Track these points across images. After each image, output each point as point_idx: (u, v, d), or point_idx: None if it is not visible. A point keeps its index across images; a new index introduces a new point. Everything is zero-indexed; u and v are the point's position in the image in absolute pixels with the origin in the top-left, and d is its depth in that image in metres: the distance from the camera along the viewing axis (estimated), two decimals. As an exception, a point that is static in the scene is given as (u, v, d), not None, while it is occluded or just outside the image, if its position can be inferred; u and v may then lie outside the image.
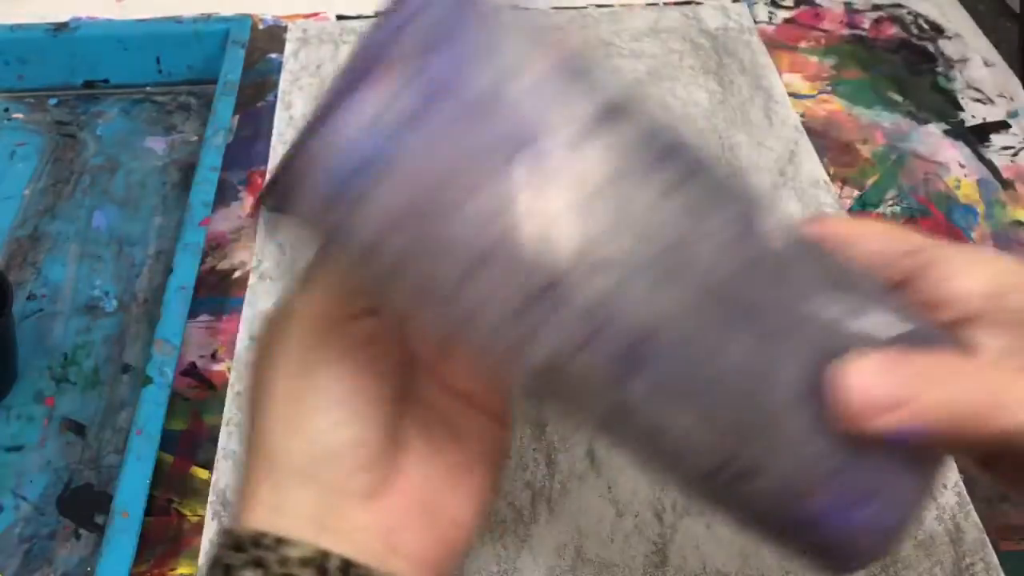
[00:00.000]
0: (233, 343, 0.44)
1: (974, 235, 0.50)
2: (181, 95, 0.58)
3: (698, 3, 0.65)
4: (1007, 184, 0.53)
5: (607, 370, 0.19)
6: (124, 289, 0.47)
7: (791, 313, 0.19)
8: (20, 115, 0.56)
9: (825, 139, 0.55)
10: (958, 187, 0.53)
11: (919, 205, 0.52)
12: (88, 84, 0.58)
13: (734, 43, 0.62)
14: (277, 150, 0.53)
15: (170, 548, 0.37)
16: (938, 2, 0.67)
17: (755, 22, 0.64)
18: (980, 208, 0.52)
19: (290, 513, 0.22)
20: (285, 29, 0.62)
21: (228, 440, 0.40)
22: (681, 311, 0.19)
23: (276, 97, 0.56)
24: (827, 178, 0.52)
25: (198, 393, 0.42)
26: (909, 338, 0.20)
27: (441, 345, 0.23)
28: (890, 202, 0.52)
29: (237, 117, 0.55)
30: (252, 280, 0.46)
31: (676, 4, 0.65)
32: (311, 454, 0.22)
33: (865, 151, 0.55)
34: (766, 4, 0.66)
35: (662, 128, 0.20)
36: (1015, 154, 0.55)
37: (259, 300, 0.45)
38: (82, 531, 0.38)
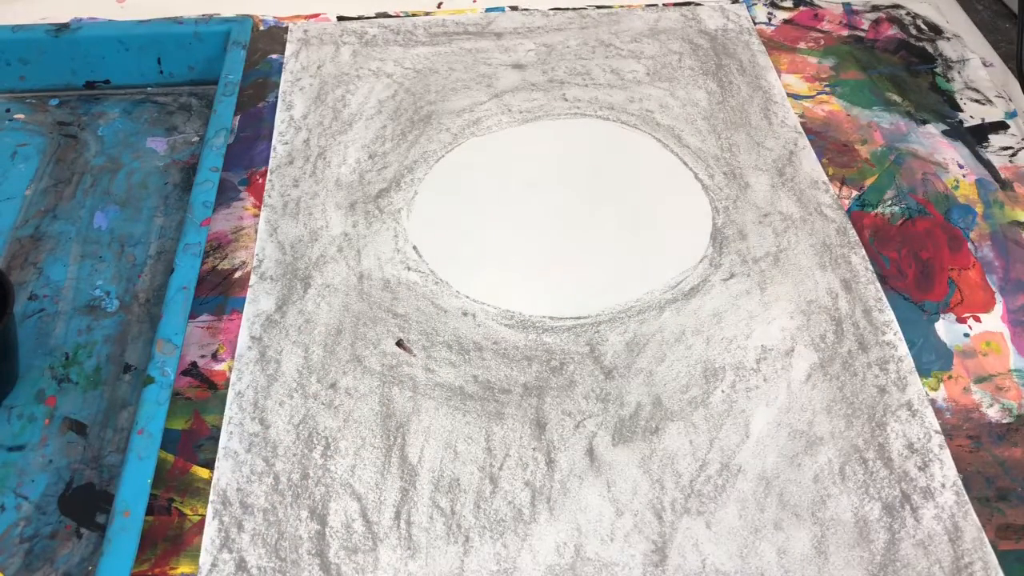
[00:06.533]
0: (234, 343, 0.44)
1: (972, 235, 0.50)
2: (182, 96, 0.58)
3: (697, 4, 0.65)
4: (1005, 184, 0.53)
5: None
6: (125, 289, 0.47)
7: None
8: (22, 116, 0.57)
9: (824, 139, 0.55)
10: (957, 187, 0.53)
11: (918, 205, 0.52)
12: (89, 85, 0.58)
13: (733, 44, 0.62)
14: (278, 150, 0.53)
15: (171, 547, 0.37)
16: (937, 3, 0.67)
17: (754, 23, 0.64)
18: (979, 208, 0.52)
19: None
20: (286, 30, 0.62)
21: (229, 440, 0.40)
22: None
23: (277, 98, 0.57)
24: (826, 178, 0.53)
25: (199, 392, 0.42)
26: None
27: None
28: (889, 202, 0.52)
29: (238, 118, 0.55)
30: (253, 280, 0.46)
31: (675, 5, 0.65)
32: None
33: (864, 151, 0.55)
34: (765, 5, 0.66)
35: None
36: (1013, 154, 0.55)
37: (260, 300, 0.46)
38: (83, 530, 0.38)
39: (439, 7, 0.65)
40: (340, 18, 0.63)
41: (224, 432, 0.40)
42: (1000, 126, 0.57)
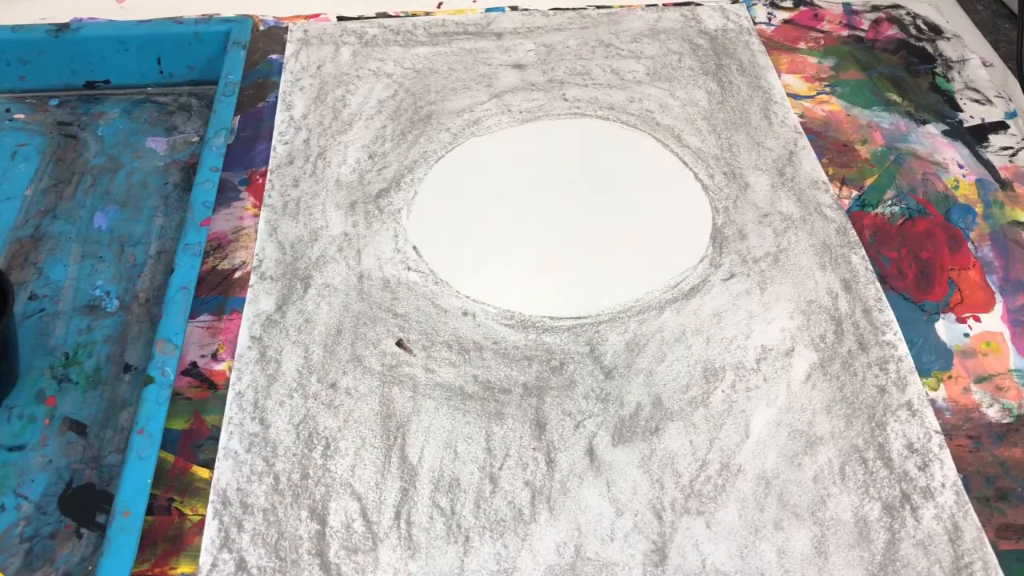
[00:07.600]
0: (234, 343, 0.44)
1: (972, 235, 0.50)
2: (182, 96, 0.58)
3: (697, 4, 0.65)
4: (1005, 184, 0.53)
5: None
6: (125, 289, 0.47)
7: None
8: (21, 116, 0.57)
9: (824, 139, 0.55)
10: (956, 187, 0.53)
11: (917, 205, 0.52)
12: (89, 85, 0.58)
13: (733, 44, 0.62)
14: (278, 150, 0.53)
15: (171, 547, 0.37)
16: (937, 3, 0.67)
17: (754, 23, 0.64)
18: (979, 208, 0.52)
19: None
20: (286, 30, 0.62)
21: (229, 439, 0.40)
22: None
23: (277, 98, 0.57)
24: (826, 178, 0.53)
25: (199, 392, 0.42)
26: None
27: None
28: (888, 202, 0.52)
29: (238, 118, 0.55)
30: (253, 280, 0.46)
31: (675, 5, 0.65)
32: None
33: (864, 151, 0.55)
34: (765, 5, 0.66)
35: None
36: (1013, 154, 0.55)
37: (260, 300, 0.46)
38: (83, 530, 0.38)
39: (439, 7, 0.65)
40: (340, 18, 0.63)
41: (224, 432, 0.40)
42: (1000, 126, 0.57)
